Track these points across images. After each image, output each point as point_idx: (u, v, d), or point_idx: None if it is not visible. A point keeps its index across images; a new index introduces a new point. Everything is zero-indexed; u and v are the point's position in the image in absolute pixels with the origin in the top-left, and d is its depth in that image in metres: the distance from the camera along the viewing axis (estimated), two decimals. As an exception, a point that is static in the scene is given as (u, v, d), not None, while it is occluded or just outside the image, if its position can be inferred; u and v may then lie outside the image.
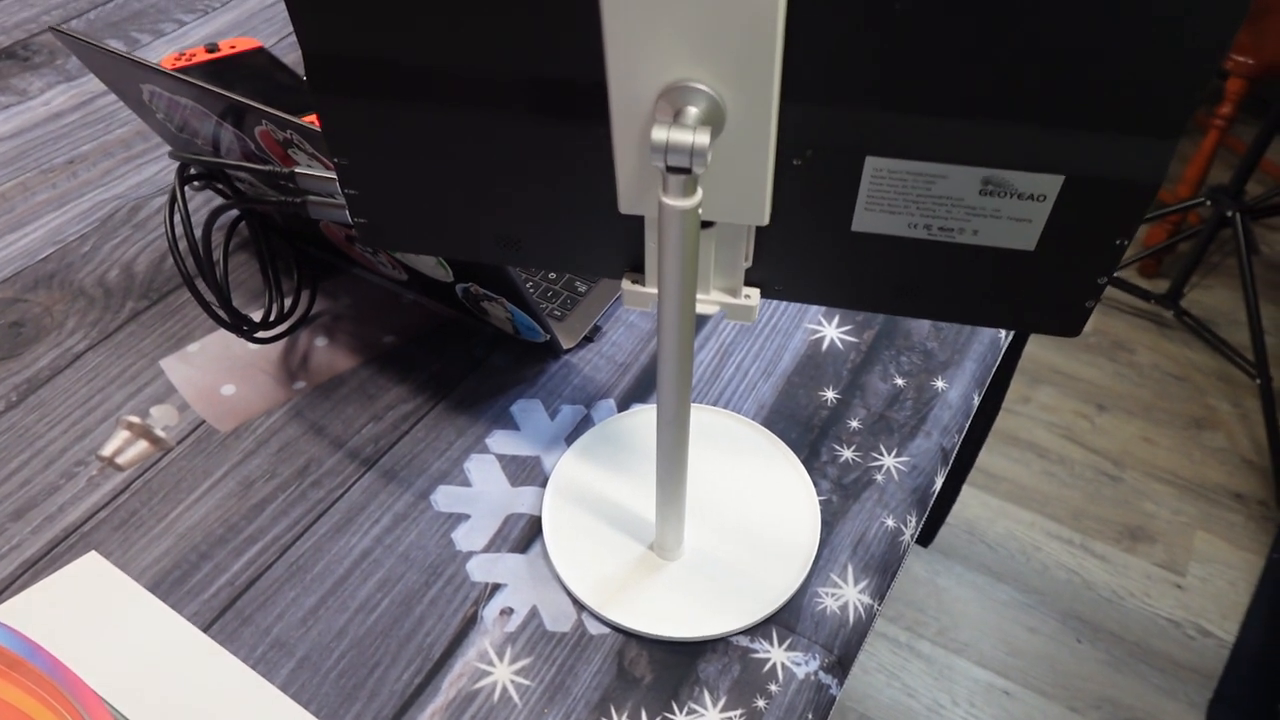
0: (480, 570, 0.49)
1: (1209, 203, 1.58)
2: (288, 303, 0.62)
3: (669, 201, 0.32)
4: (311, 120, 0.77)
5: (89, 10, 0.93)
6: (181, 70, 0.82)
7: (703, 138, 0.30)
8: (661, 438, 0.42)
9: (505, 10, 0.32)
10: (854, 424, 0.56)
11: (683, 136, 0.30)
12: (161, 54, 0.87)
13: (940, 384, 0.58)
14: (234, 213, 0.69)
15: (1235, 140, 2.00)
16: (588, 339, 0.61)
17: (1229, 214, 1.55)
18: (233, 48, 0.86)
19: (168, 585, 0.48)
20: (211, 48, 0.86)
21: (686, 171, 0.31)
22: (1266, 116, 1.47)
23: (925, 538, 1.39)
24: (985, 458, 1.52)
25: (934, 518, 1.36)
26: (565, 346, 0.59)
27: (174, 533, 0.50)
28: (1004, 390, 1.14)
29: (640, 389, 0.58)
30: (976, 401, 0.60)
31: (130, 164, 0.74)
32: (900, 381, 0.59)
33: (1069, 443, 1.54)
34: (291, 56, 0.87)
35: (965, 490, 1.47)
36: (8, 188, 0.71)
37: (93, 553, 0.46)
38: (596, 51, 0.32)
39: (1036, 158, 0.32)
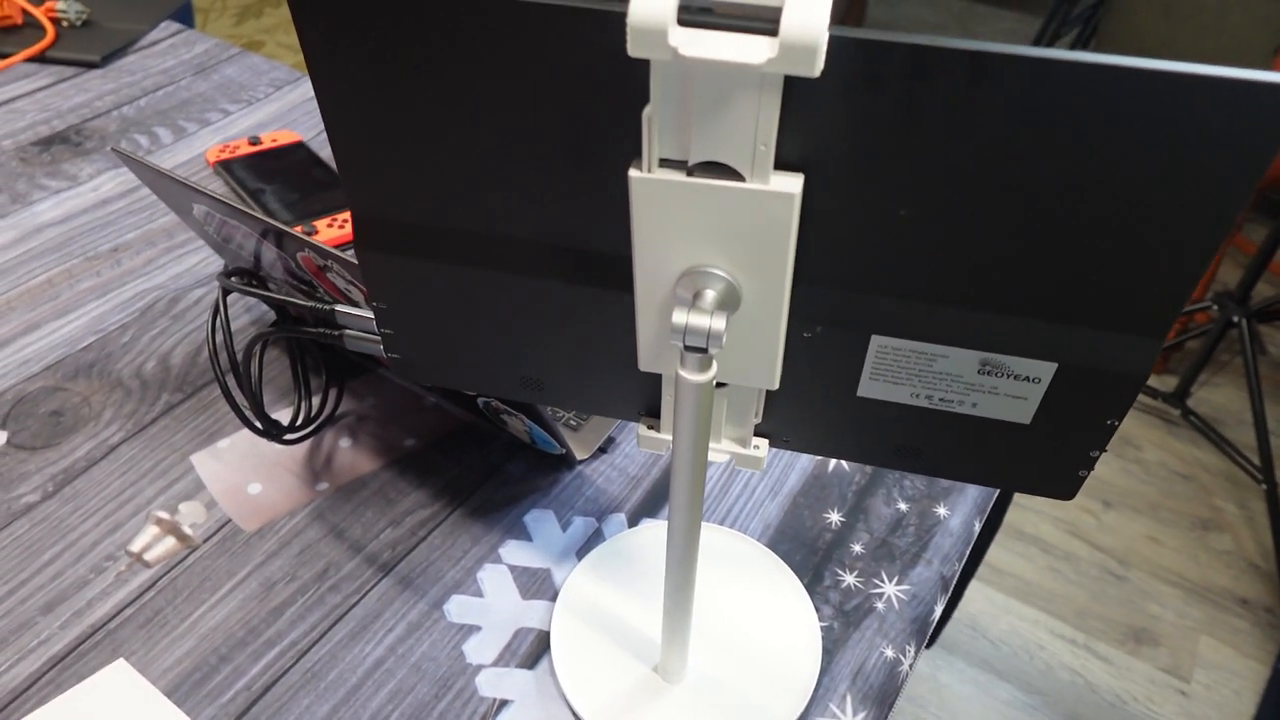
0: (489, 684, 0.50)
1: (1216, 307, 1.60)
2: (315, 401, 0.64)
3: (686, 375, 0.35)
4: (344, 223, 0.80)
5: (140, 97, 0.98)
6: (224, 163, 0.87)
7: (719, 323, 0.33)
8: (670, 574, 0.44)
9: (545, 194, 0.35)
10: (857, 548, 0.58)
11: (700, 321, 0.33)
12: (207, 143, 0.91)
13: (942, 511, 0.60)
14: (267, 309, 0.72)
15: (1245, 241, 2.03)
16: (601, 450, 0.63)
17: (1235, 319, 1.57)
18: (274, 141, 0.90)
19: (188, 688, 0.49)
20: (254, 140, 0.90)
21: (703, 351, 0.33)
22: (1276, 220, 1.50)
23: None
24: (990, 551, 1.52)
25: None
26: (579, 458, 0.62)
27: (196, 633, 0.52)
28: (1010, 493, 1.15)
29: (651, 503, 0.60)
30: (977, 528, 0.61)
31: (171, 254, 0.77)
32: (903, 506, 0.60)
33: (1074, 539, 1.54)
34: (329, 151, 0.91)
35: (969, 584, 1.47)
36: (55, 274, 0.75)
37: (120, 660, 0.48)
38: (625, 231, 0.35)
39: (1031, 346, 0.35)
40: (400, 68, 0.32)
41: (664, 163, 0.32)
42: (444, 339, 0.42)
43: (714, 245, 0.33)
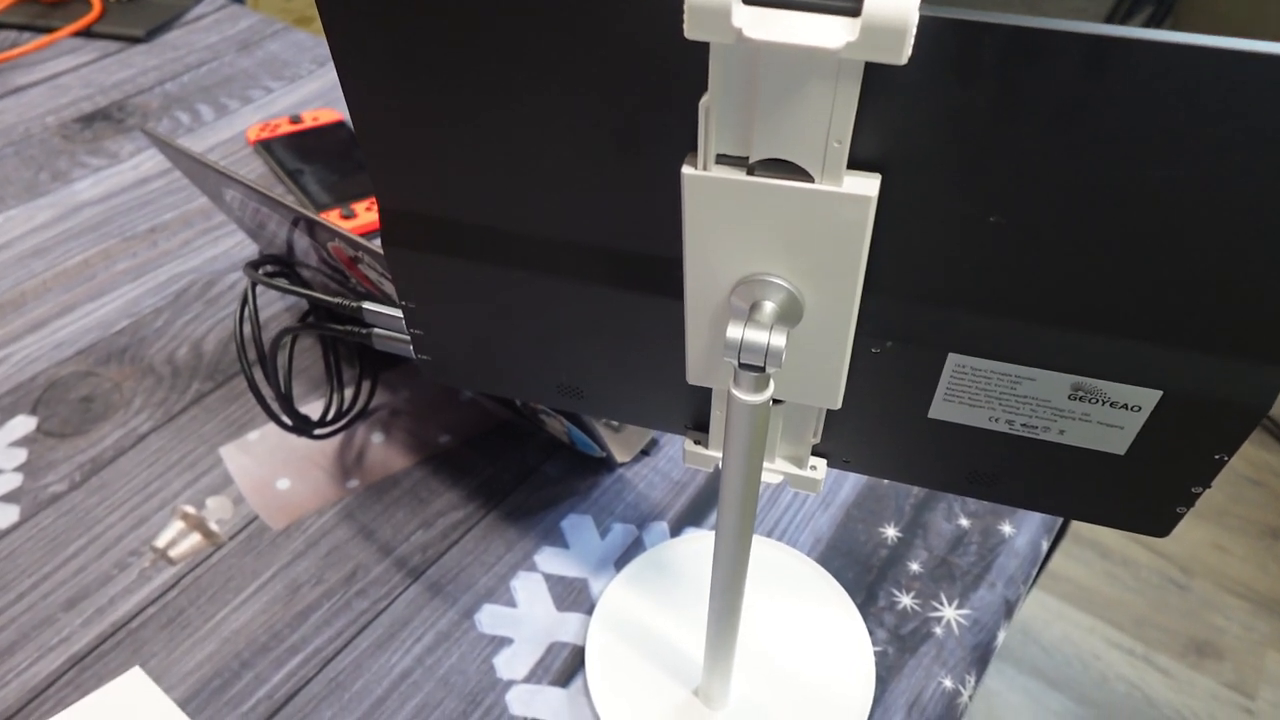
0: (519, 702, 0.48)
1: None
2: (348, 393, 0.62)
3: (739, 394, 0.31)
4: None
5: (183, 73, 0.96)
6: (264, 142, 0.84)
7: (779, 339, 0.29)
8: (715, 600, 0.41)
9: (587, 190, 0.31)
10: (915, 567, 0.54)
11: (758, 337, 0.29)
12: (249, 121, 0.89)
13: (1008, 529, 0.56)
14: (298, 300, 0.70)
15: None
16: (644, 452, 0.60)
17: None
18: (315, 119, 0.88)
19: (208, 694, 0.47)
20: (295, 119, 0.88)
21: (760, 370, 0.30)
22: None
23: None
24: (1045, 553, 1.46)
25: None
26: (620, 460, 0.58)
27: (218, 636, 0.50)
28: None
29: (694, 511, 0.57)
30: (1045, 548, 0.57)
31: (208, 235, 0.76)
32: (965, 523, 0.56)
33: (1134, 544, 1.48)
34: (371, 130, 0.89)
35: (1022, 587, 1.42)
36: (92, 255, 0.73)
37: (136, 668, 0.46)
38: (675, 232, 0.32)
39: (1134, 371, 0.30)
40: (431, 46, 0.29)
41: (721, 159, 0.28)
42: (477, 342, 0.39)
43: (775, 252, 0.29)
